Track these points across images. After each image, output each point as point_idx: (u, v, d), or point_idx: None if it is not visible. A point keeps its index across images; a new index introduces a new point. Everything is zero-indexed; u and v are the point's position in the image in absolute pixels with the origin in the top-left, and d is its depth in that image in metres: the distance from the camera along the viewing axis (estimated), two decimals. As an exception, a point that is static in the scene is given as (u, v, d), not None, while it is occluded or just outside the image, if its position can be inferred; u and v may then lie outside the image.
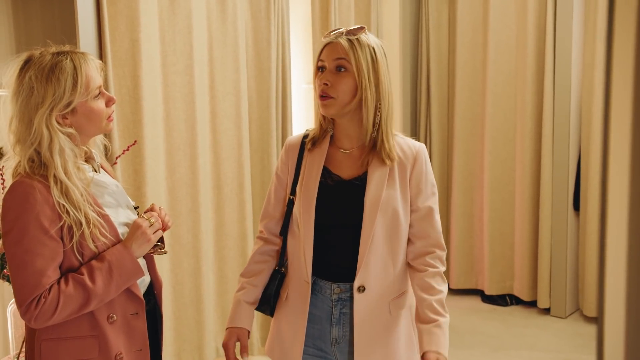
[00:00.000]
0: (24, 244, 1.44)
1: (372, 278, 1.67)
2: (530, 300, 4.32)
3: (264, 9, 3.38)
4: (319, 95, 1.67)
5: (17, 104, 1.49)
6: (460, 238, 4.58)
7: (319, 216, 1.69)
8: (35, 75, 1.48)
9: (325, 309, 1.73)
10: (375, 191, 1.66)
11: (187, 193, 3.10)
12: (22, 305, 1.45)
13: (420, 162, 1.71)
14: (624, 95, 0.51)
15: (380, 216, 1.65)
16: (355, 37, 1.63)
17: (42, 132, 1.47)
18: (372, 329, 1.70)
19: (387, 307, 1.71)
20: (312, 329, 1.75)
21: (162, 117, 2.99)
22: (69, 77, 1.49)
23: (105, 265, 1.50)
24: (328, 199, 1.70)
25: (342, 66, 1.64)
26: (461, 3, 4.41)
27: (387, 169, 1.68)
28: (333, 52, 1.65)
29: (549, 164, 4.10)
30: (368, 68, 1.62)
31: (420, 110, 4.61)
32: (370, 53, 1.63)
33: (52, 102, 1.48)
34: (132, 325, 1.62)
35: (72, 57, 1.52)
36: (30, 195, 1.44)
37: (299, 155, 1.78)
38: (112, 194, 1.64)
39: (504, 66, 4.29)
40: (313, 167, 1.74)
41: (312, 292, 1.74)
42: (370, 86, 1.63)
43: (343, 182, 1.71)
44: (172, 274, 3.10)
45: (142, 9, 2.79)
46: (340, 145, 1.74)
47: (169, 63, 2.99)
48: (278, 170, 1.83)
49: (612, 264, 0.51)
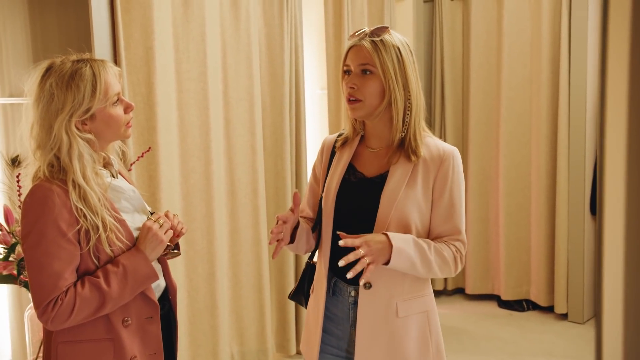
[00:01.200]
0: (42, 246, 1.47)
1: (381, 275, 1.66)
2: (547, 306, 4.27)
3: (277, 15, 3.40)
4: (347, 99, 1.68)
5: (38, 110, 1.53)
6: (476, 243, 4.55)
7: (338, 212, 1.72)
8: (55, 82, 1.51)
9: (345, 311, 1.75)
10: (393, 189, 1.65)
11: (201, 199, 3.12)
12: (39, 307, 1.47)
13: (446, 165, 1.66)
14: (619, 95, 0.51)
15: (394, 214, 1.64)
16: (380, 38, 1.62)
17: (62, 137, 1.50)
18: (376, 328, 1.69)
19: (394, 307, 1.68)
20: (336, 329, 1.77)
21: (176, 124, 3.01)
22: (88, 83, 1.52)
23: (120, 269, 1.53)
24: (348, 196, 1.72)
25: (367, 69, 1.64)
26: (475, 7, 4.40)
27: (410, 167, 1.66)
28: (358, 56, 1.65)
29: (565, 168, 4.06)
30: (394, 69, 1.62)
31: (435, 114, 4.60)
32: (396, 53, 1.62)
33: (72, 108, 1.51)
34: (147, 329, 1.63)
35: (92, 64, 1.56)
36: (49, 198, 1.47)
37: (332, 154, 1.82)
38: (128, 199, 1.66)
39: (518, 70, 4.27)
40: (339, 165, 1.77)
41: (333, 294, 1.76)
42: (398, 87, 1.62)
43: (365, 180, 1.72)
44: (187, 279, 3.11)
45: (156, 16, 2.83)
46: (369, 144, 1.76)
47: (182, 70, 3.02)
48: (314, 165, 1.90)
49: (609, 265, 0.51)
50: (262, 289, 3.38)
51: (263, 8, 3.38)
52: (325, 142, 1.88)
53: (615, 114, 0.49)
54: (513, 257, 4.39)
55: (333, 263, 1.72)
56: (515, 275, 4.40)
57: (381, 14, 4.11)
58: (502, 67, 4.28)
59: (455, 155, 1.69)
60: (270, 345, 3.46)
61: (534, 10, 4.17)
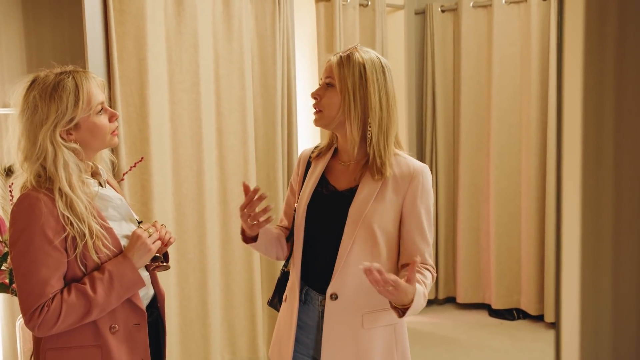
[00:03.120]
0: (29, 254, 1.50)
1: (346, 287, 1.70)
2: (538, 315, 4.30)
3: (269, 26, 3.44)
4: (313, 107, 1.79)
5: (23, 121, 1.57)
6: (466, 252, 4.58)
7: (309, 224, 1.77)
8: (39, 94, 1.56)
9: (315, 319, 1.78)
10: (361, 203, 1.69)
11: (193, 209, 3.15)
12: (26, 314, 1.50)
13: (416, 183, 1.70)
14: (574, 100, 0.54)
15: (361, 228, 1.68)
16: (346, 54, 1.70)
17: (47, 147, 1.54)
18: (341, 339, 1.72)
19: (360, 319, 1.71)
20: (307, 338, 1.81)
21: (168, 134, 3.04)
22: (71, 94, 1.56)
23: (106, 275, 1.55)
24: (320, 208, 1.77)
25: (330, 83, 1.73)
26: (466, 19, 4.45)
27: (378, 184, 1.70)
28: (326, 70, 1.75)
29: (555, 178, 4.10)
30: (354, 84, 1.68)
31: (426, 125, 4.64)
32: (360, 70, 1.68)
33: (56, 118, 1.55)
34: (134, 336, 1.66)
35: (74, 75, 1.60)
36: (36, 207, 1.50)
37: (307, 166, 1.88)
38: (116, 207, 1.69)
39: (508, 82, 4.32)
40: (312, 177, 1.83)
41: (304, 302, 1.80)
42: (354, 101, 1.68)
43: (336, 193, 1.77)
44: (179, 289, 3.13)
45: (149, 29, 2.86)
46: (341, 158, 1.81)
47: (175, 81, 3.05)
48: (292, 179, 1.96)
49: (567, 268, 0.54)
50: (254, 298, 3.39)
51: (256, 19, 3.42)
52: (302, 155, 1.95)
53: (571, 114, 0.53)
54: (504, 266, 4.42)
55: (304, 272, 1.78)
56: (506, 284, 4.43)
57: (373, 26, 4.16)
58: (493, 79, 4.34)
59: (425, 172, 1.73)
60: (262, 354, 3.48)
61: (524, 22, 4.23)
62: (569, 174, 0.55)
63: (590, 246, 0.54)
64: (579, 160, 0.54)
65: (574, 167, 0.55)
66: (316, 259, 1.77)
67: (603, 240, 0.55)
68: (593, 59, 0.54)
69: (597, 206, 0.55)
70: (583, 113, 0.54)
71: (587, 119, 0.54)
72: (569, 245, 0.54)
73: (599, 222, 0.55)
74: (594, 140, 0.54)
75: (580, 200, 0.54)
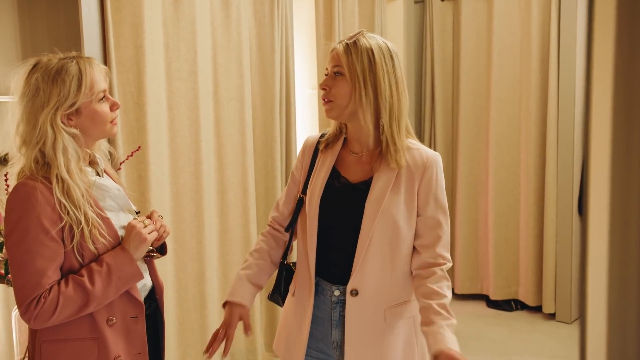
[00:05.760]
0: (25, 244, 1.46)
1: (367, 282, 1.67)
2: (536, 306, 4.30)
3: (267, 15, 3.40)
4: (322, 100, 1.72)
5: (23, 104, 1.54)
6: (465, 243, 4.57)
7: (323, 217, 1.72)
8: (41, 77, 1.53)
9: (327, 311, 1.74)
10: (377, 196, 1.65)
11: (191, 198, 3.12)
12: (22, 305, 1.47)
13: (430, 172, 1.68)
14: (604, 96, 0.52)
15: (379, 221, 1.64)
16: (352, 41, 1.65)
17: (47, 130, 1.51)
18: (365, 335, 1.69)
19: (382, 313, 1.69)
20: (316, 331, 1.76)
21: (166, 123, 3.01)
22: (74, 78, 1.54)
23: (104, 267, 1.53)
24: (333, 201, 1.72)
25: (338, 71, 1.67)
26: (465, 9, 4.42)
27: (393, 175, 1.66)
28: (332, 59, 1.69)
29: (554, 169, 4.09)
30: (363, 71, 1.63)
31: (425, 115, 4.62)
32: (368, 56, 1.63)
33: (57, 102, 1.52)
34: (132, 329, 1.63)
35: (78, 61, 1.57)
36: (32, 196, 1.47)
37: (314, 155, 1.82)
38: (113, 197, 1.66)
39: (508, 72, 4.29)
40: (323, 168, 1.77)
41: (315, 293, 1.75)
42: (365, 89, 1.63)
43: (349, 185, 1.72)
44: (176, 279, 3.11)
45: (146, 15, 2.82)
46: (352, 148, 1.76)
47: (173, 69, 3.01)
48: (294, 168, 1.89)
49: (594, 265, 0.52)
50: (252, 288, 3.37)
51: (254, 7, 3.38)
52: (307, 142, 1.87)
53: (599, 115, 0.50)
54: (502, 257, 4.42)
55: (317, 266, 1.73)
56: (504, 275, 4.42)
57: (372, 14, 4.12)
58: (492, 69, 4.31)
59: (438, 162, 1.71)
60: (260, 345, 3.46)
61: (524, 12, 4.20)
62: (596, 172, 0.52)
63: (617, 244, 0.52)
64: (608, 159, 0.52)
65: (603, 165, 0.52)
66: (330, 252, 1.72)
67: (631, 237, 0.52)
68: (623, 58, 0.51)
69: (625, 204, 0.52)
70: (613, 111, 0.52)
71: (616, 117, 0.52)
72: (596, 243, 0.52)
73: (626, 221, 0.52)
74: (623, 139, 0.52)
75: (609, 198, 0.51)
